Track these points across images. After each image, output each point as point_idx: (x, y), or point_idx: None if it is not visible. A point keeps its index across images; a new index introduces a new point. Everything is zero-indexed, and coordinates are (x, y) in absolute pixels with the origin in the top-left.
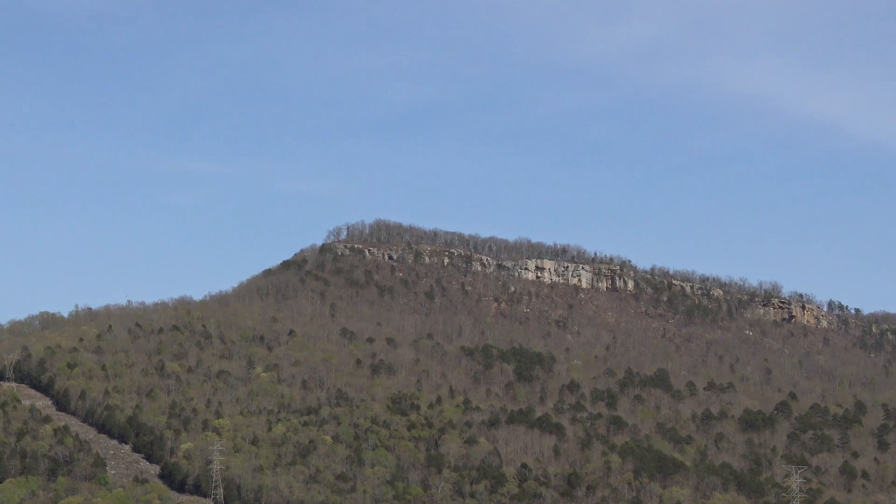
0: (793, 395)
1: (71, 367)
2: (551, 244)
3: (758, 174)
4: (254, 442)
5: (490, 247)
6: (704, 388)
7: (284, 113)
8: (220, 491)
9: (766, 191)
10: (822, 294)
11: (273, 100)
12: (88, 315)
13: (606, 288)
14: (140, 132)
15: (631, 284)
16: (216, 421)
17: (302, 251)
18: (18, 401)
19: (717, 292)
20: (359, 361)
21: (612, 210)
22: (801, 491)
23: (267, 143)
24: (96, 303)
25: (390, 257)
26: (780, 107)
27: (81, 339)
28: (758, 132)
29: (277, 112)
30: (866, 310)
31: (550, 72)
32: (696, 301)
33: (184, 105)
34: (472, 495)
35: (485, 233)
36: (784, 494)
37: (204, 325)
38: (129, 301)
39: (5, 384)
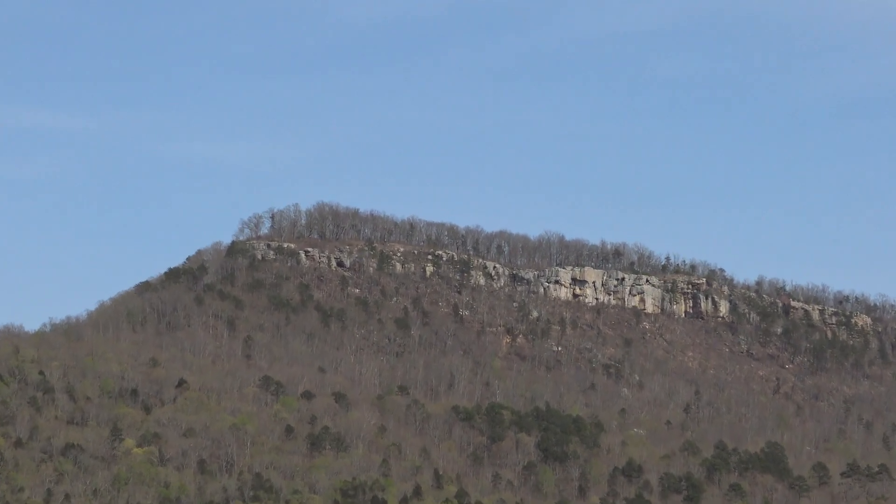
0: None
1: None
2: (597, 243)
3: None
4: None
5: (500, 247)
6: (842, 474)
7: (176, 38)
8: None
9: None
10: None
11: (160, 16)
12: None
13: (685, 313)
14: None
15: (724, 307)
16: None
17: (199, 253)
18: None
19: (863, 320)
20: (290, 430)
21: (692, 189)
22: None
23: (148, 84)
24: None
25: (340, 263)
26: None
27: None
28: None
29: (166, 36)
30: None
31: None
32: (830, 334)
33: (15, 25)
34: None
35: (492, 225)
36: None
37: (42, 373)
38: None
39: None
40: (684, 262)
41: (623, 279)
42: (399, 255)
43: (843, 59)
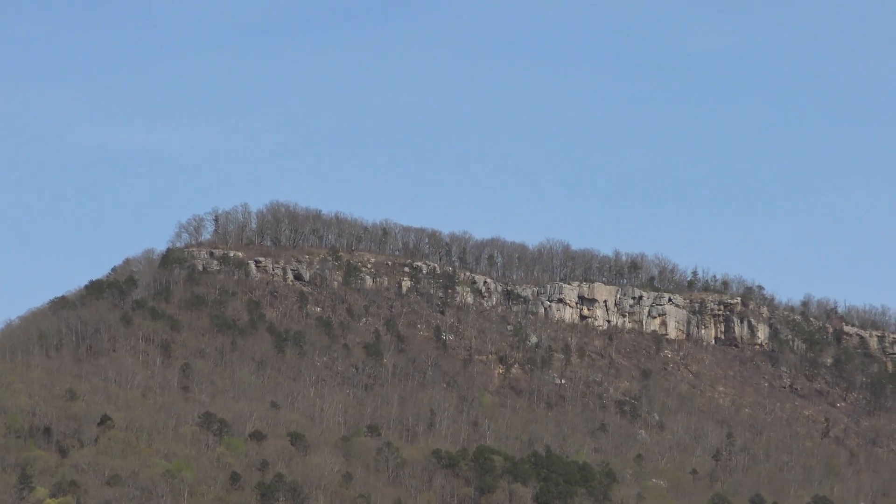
0: None
1: None
2: (609, 254)
3: None
4: None
5: (492, 257)
6: None
7: None
8: None
9: None
10: None
11: None
12: None
13: (716, 339)
14: None
15: (763, 332)
16: None
17: (127, 262)
18: None
19: None
20: (236, 477)
21: (723, 190)
22: None
23: (55, 52)
24: None
25: (298, 276)
26: None
27: None
28: None
29: None
30: None
31: None
32: (891, 365)
33: None
34: None
35: (482, 231)
36: None
37: None
38: None
39: None
40: (715, 277)
41: (641, 298)
42: (369, 266)
43: None
